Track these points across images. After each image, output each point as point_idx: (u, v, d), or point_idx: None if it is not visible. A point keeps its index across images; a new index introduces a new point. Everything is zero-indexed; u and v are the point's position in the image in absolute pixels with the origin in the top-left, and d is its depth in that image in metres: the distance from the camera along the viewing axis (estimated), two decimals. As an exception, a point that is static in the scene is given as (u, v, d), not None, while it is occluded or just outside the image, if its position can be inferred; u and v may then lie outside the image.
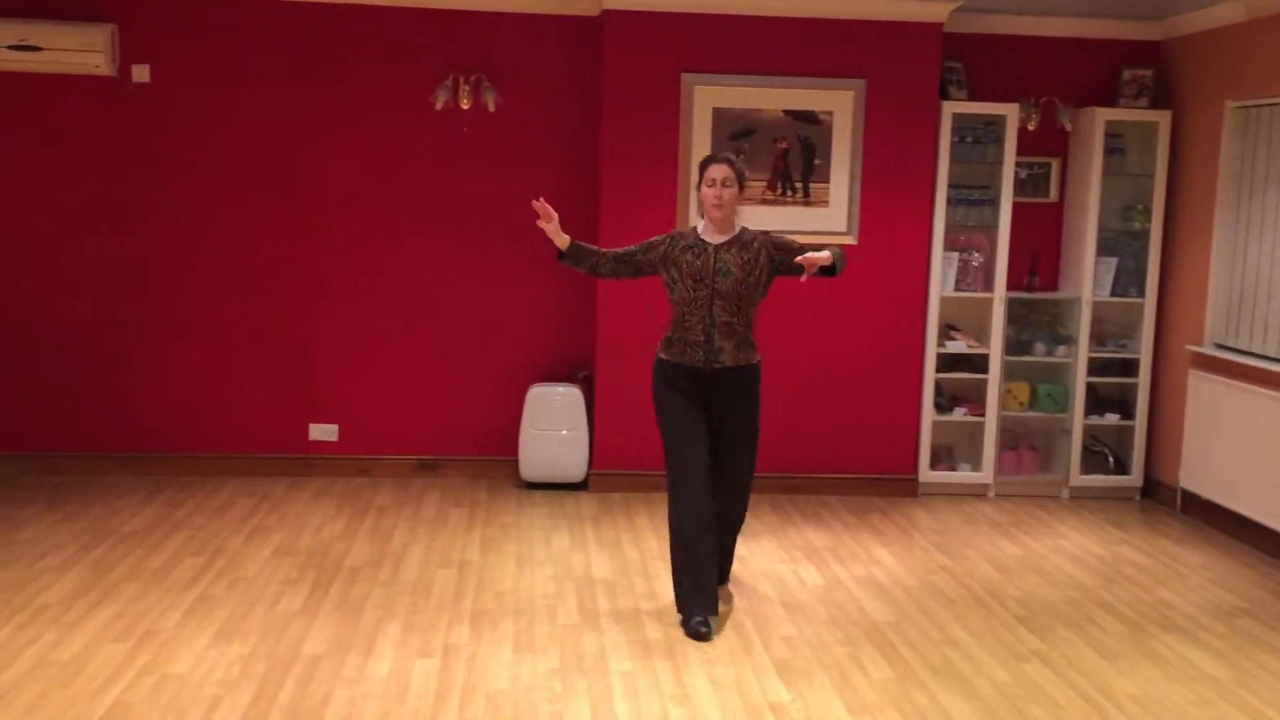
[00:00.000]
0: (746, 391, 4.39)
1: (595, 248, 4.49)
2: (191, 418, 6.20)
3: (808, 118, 6.08)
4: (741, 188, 4.34)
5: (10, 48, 5.70)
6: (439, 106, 6.01)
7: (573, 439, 6.15)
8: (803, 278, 4.19)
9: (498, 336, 6.32)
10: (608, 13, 5.92)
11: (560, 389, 6.17)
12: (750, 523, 5.70)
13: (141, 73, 5.96)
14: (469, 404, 6.35)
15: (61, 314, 6.09)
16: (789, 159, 6.09)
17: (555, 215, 4.35)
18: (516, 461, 6.22)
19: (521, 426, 6.15)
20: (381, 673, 3.81)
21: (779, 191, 6.10)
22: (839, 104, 6.07)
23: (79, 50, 5.75)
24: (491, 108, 6.04)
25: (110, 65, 5.85)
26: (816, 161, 6.10)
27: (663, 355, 4.40)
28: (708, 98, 5.99)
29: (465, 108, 6.04)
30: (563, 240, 4.38)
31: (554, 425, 6.12)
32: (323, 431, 6.28)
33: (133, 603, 4.35)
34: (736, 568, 5.01)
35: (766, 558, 5.21)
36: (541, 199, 4.36)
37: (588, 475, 6.19)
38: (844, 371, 6.24)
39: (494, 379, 6.32)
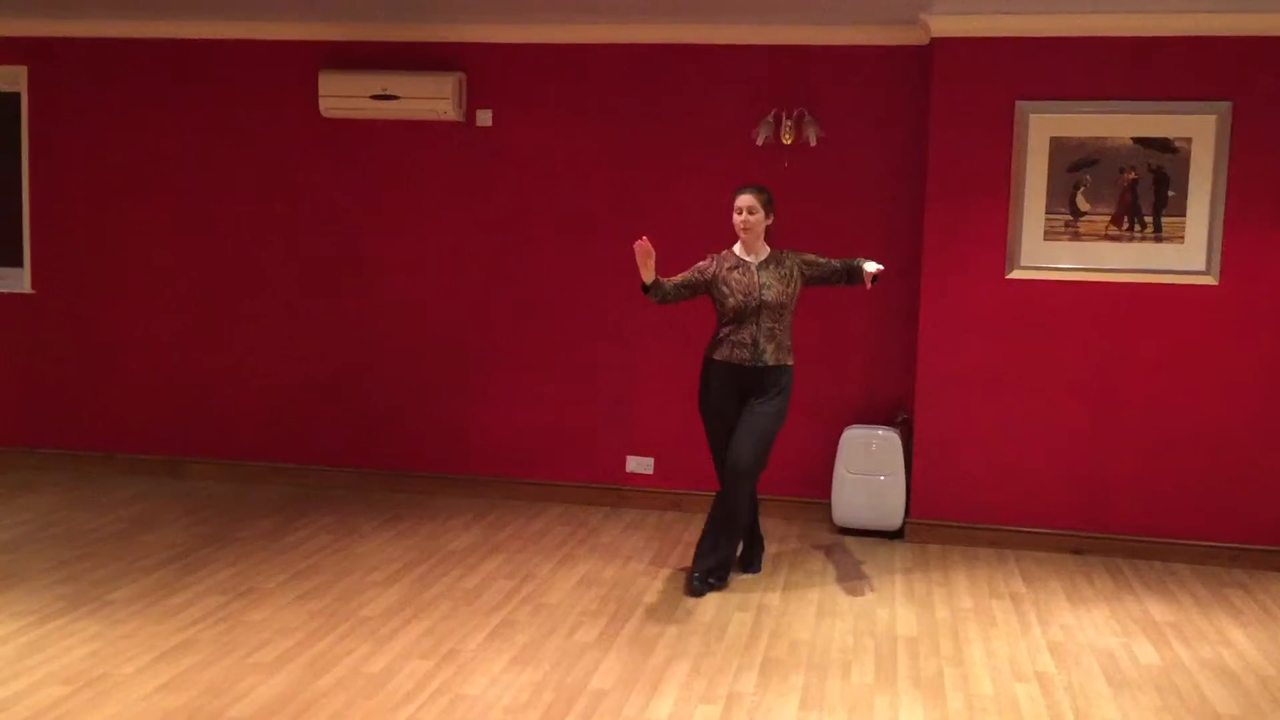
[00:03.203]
0: (780, 386, 5.03)
1: (665, 280, 4.99)
2: (518, 445, 6.47)
3: (1161, 145, 5.53)
4: (768, 214, 5.00)
5: (373, 97, 6.22)
6: (760, 142, 5.97)
7: (889, 485, 5.89)
8: (868, 285, 4.97)
9: (812, 375, 6.16)
10: (937, 41, 5.67)
11: (878, 432, 5.93)
12: (1081, 588, 5.25)
13: (484, 117, 6.33)
14: (782, 444, 6.19)
15: (410, 342, 6.55)
16: (1138, 191, 5.56)
17: (653, 253, 4.83)
18: (829, 505, 6.04)
19: (835, 469, 5.96)
20: (661, 715, 3.76)
21: (1125, 226, 5.58)
22: (1199, 129, 5.49)
23: (431, 98, 6.18)
24: (813, 142, 5.93)
25: (457, 111, 6.25)
26: (1170, 194, 5.54)
27: (715, 356, 5.04)
28: (1045, 126, 5.59)
29: (787, 143, 5.96)
30: (650, 275, 4.87)
31: (870, 470, 5.89)
32: (639, 464, 6.37)
33: (443, 620, 4.55)
34: (1059, 636, 4.59)
35: (1096, 628, 4.73)
36: (645, 238, 4.80)
37: (904, 524, 5.91)
38: (1201, 426, 5.61)
39: (807, 419, 6.16)
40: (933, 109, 5.72)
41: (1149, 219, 5.57)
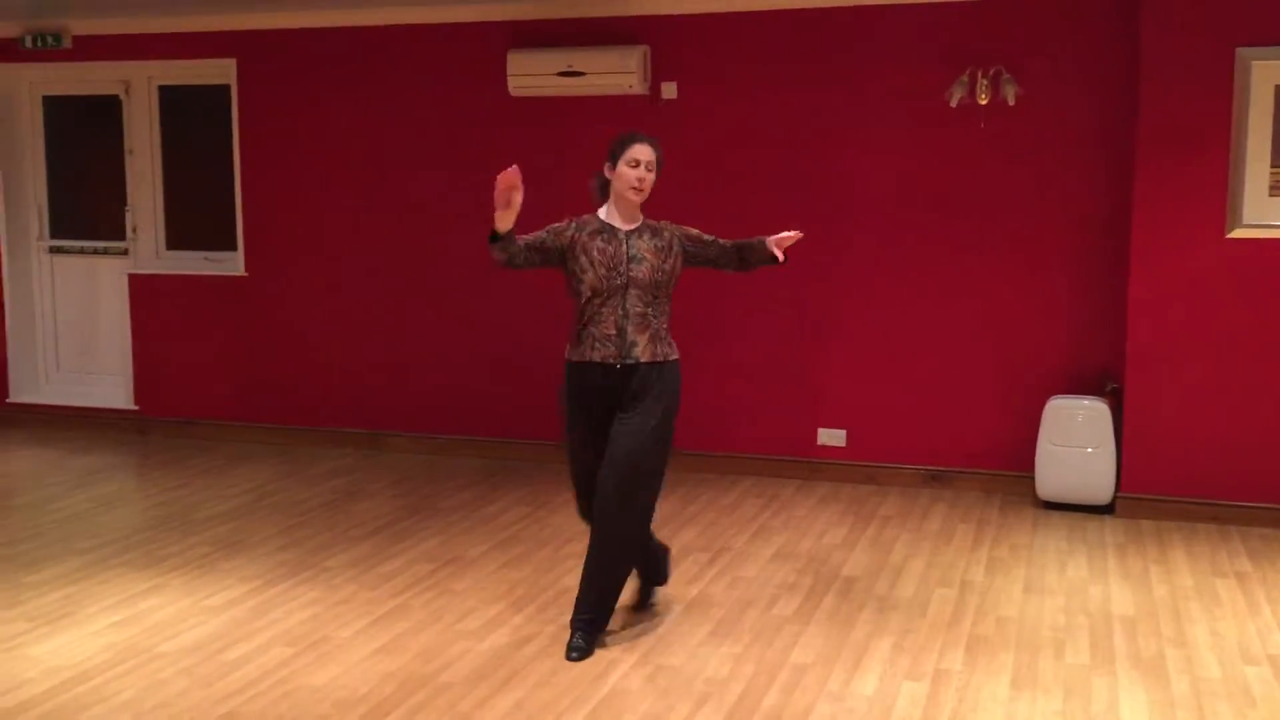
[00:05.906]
0: (661, 388, 4.02)
1: (519, 238, 4.08)
2: (708, 418, 6.44)
3: (1403, 88, 5.09)
4: (658, 175, 4.10)
5: (559, 74, 6.28)
6: (954, 104, 5.76)
7: (1098, 458, 5.62)
8: (781, 258, 4.16)
9: (1013, 342, 5.95)
10: (1148, -13, 5.35)
11: (1084, 402, 5.67)
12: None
13: (669, 89, 6.31)
14: (982, 414, 6.04)
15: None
16: (1376, 139, 5.14)
17: (520, 188, 3.96)
18: (1033, 478, 5.81)
19: (1039, 441, 5.73)
20: (866, 691, 3.69)
21: (1362, 178, 5.17)
22: None
23: (615, 72, 6.19)
24: (1011, 101, 5.68)
25: (642, 84, 6.24)
26: None
27: (571, 357, 4.05)
28: (1268, 74, 5.21)
29: (983, 103, 5.74)
30: (506, 224, 3.98)
31: (1076, 442, 5.64)
32: (831, 436, 6.27)
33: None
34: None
35: (1332, 610, 4.41)
36: (515, 167, 3.91)
37: (1114, 498, 5.64)
38: None
39: (1009, 388, 5.96)
40: (1143, 59, 5.40)
41: (1389, 169, 5.14)
